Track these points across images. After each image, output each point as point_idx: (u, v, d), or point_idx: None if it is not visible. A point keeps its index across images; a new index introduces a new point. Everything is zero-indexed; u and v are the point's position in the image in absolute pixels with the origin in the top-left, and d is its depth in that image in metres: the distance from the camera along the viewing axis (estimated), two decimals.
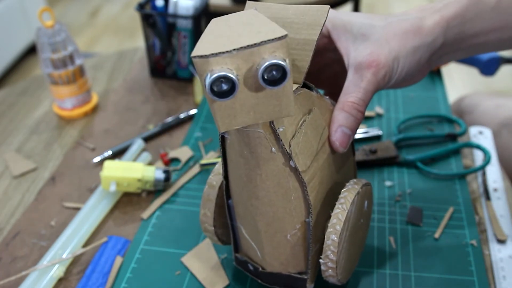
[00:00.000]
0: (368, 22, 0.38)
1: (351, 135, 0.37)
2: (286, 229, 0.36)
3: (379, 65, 0.36)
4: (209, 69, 0.27)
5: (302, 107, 0.34)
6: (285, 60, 0.27)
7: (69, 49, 0.64)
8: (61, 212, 0.53)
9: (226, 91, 0.28)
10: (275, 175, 0.34)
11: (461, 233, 0.48)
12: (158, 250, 0.48)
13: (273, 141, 0.32)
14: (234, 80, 0.27)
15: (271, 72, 0.28)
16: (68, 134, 0.65)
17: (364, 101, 0.37)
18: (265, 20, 0.28)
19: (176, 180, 0.56)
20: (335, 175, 0.39)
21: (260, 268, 0.40)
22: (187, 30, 0.70)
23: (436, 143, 0.60)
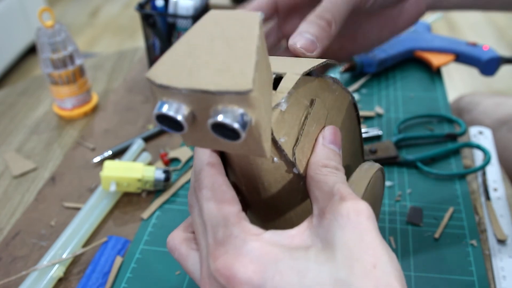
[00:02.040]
0: None
1: (313, 40, 0.33)
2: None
3: None
4: (159, 97, 0.24)
5: (302, 103, 0.31)
6: (242, 117, 0.23)
7: (69, 49, 0.64)
8: (61, 212, 0.53)
9: (174, 126, 0.24)
10: (278, 183, 0.32)
11: (461, 233, 0.48)
12: (158, 250, 0.48)
13: (275, 151, 0.30)
14: (181, 122, 0.23)
15: (221, 127, 0.23)
16: (68, 134, 0.65)
17: (329, 11, 0.34)
18: (249, 48, 0.24)
19: (176, 180, 0.56)
20: (346, 158, 0.36)
21: None
22: (187, 30, 0.70)
23: (436, 143, 0.60)
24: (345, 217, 0.26)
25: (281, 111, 0.29)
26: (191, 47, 0.24)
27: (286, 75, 0.30)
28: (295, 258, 0.25)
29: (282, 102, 0.29)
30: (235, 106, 0.23)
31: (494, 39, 2.17)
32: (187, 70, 0.23)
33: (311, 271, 0.24)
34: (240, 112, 0.23)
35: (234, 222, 0.26)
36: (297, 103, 0.31)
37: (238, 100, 0.23)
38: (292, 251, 0.25)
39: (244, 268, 0.25)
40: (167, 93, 0.23)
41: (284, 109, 0.29)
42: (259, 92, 0.23)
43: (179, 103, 0.23)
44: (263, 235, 0.26)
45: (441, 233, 0.48)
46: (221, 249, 0.25)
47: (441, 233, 0.48)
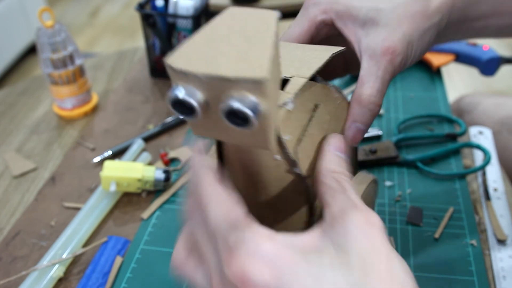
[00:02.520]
0: (373, 6, 0.36)
1: (364, 130, 0.35)
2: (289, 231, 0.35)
3: (395, 52, 0.35)
4: (175, 82, 0.25)
5: (307, 106, 0.32)
6: (255, 105, 0.23)
7: (69, 49, 0.64)
8: (61, 212, 0.53)
9: (187, 112, 0.25)
10: (278, 181, 0.32)
11: (461, 233, 0.48)
12: (158, 250, 0.48)
13: (277, 149, 0.30)
14: (194, 107, 0.24)
15: (233, 114, 0.24)
16: (68, 134, 0.65)
17: (381, 92, 0.35)
18: (265, 42, 0.25)
19: (176, 180, 0.56)
20: None
21: None
22: (187, 30, 0.70)
23: (436, 143, 0.60)
24: (359, 226, 0.26)
25: (288, 110, 0.30)
26: (209, 38, 0.25)
27: (294, 78, 0.31)
28: (309, 262, 0.25)
29: (289, 102, 0.30)
30: (249, 94, 0.23)
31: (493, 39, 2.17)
32: (205, 58, 0.24)
33: (326, 277, 0.24)
34: (253, 100, 0.23)
35: (244, 225, 0.26)
36: (302, 105, 0.31)
37: (253, 88, 0.23)
38: (306, 254, 0.25)
39: (259, 271, 0.24)
40: (185, 78, 0.24)
41: (290, 109, 0.30)
42: (272, 84, 0.24)
43: (194, 88, 0.24)
44: (275, 237, 0.26)
45: (441, 233, 0.48)
46: (234, 254, 0.25)
47: (441, 233, 0.48)
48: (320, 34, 0.39)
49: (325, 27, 0.38)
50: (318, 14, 0.38)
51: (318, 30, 0.38)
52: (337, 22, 0.37)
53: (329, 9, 0.37)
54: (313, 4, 0.38)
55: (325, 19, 0.38)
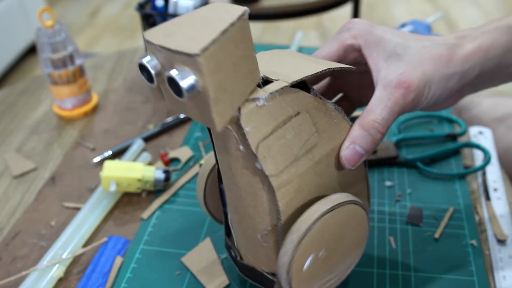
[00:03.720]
0: (403, 42, 0.37)
1: (363, 154, 0.35)
2: (256, 228, 0.36)
3: (410, 87, 0.35)
4: (148, 52, 0.30)
5: (285, 109, 0.33)
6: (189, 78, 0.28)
7: (69, 49, 0.64)
8: (61, 212, 0.53)
9: (148, 77, 0.30)
10: (244, 174, 0.34)
11: (461, 233, 0.48)
12: (158, 250, 0.48)
13: (241, 139, 0.32)
14: (150, 71, 0.29)
15: (172, 83, 0.28)
16: (68, 134, 0.65)
17: (386, 121, 0.35)
18: (217, 29, 0.28)
19: (176, 180, 0.56)
20: (332, 188, 0.37)
21: (238, 256, 0.40)
22: None
23: (436, 143, 0.60)
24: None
25: (257, 105, 0.32)
26: (180, 21, 0.30)
27: (278, 81, 0.33)
28: None
29: (261, 98, 0.32)
30: (186, 68, 0.28)
31: None
32: (167, 34, 0.29)
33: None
34: (188, 73, 0.28)
35: None
36: (279, 107, 0.33)
37: (189, 63, 0.27)
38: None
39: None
40: (149, 48, 0.29)
41: (260, 105, 0.32)
42: (215, 67, 0.28)
43: (154, 57, 0.29)
44: None
45: (441, 233, 0.48)
46: None
47: (441, 233, 0.48)
48: (348, 58, 0.40)
49: (354, 52, 0.40)
50: (349, 38, 0.39)
51: (346, 53, 0.40)
52: (363, 49, 0.38)
53: (360, 36, 0.38)
54: (347, 29, 0.39)
55: (354, 44, 0.39)
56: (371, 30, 0.38)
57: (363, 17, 2.32)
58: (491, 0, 2.51)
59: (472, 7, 2.45)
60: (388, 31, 0.38)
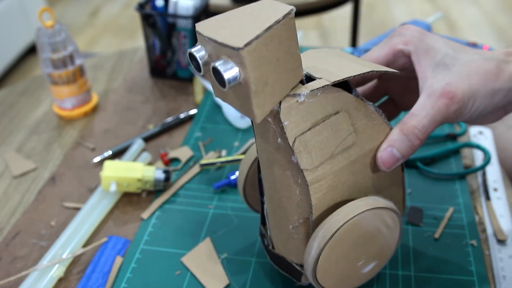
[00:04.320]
0: (452, 54, 0.37)
1: (399, 158, 0.36)
2: (289, 219, 0.37)
3: (454, 98, 0.35)
4: (198, 42, 0.32)
5: (324, 107, 0.34)
6: (232, 69, 0.29)
7: (69, 49, 0.64)
8: (61, 212, 0.53)
9: (196, 65, 0.32)
10: (280, 166, 0.35)
11: (461, 233, 0.48)
12: (158, 250, 0.48)
13: (280, 133, 0.33)
14: (198, 60, 0.31)
15: (216, 72, 0.30)
16: (68, 134, 0.65)
17: (426, 129, 0.35)
18: (262, 25, 0.30)
19: (176, 180, 0.56)
20: (366, 188, 0.38)
21: (270, 245, 0.42)
22: (187, 30, 0.70)
23: (436, 143, 0.60)
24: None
25: (297, 101, 0.33)
26: (230, 16, 0.32)
27: (321, 79, 0.34)
28: None
29: (302, 94, 0.33)
30: (230, 60, 0.30)
31: (494, 39, 2.17)
32: (216, 27, 0.31)
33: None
34: (232, 65, 0.30)
35: None
36: (319, 104, 0.34)
37: (233, 55, 0.29)
38: None
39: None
40: (200, 38, 0.31)
41: (300, 100, 0.33)
42: (258, 62, 0.30)
43: (203, 47, 0.31)
44: None
45: (441, 233, 0.48)
46: None
47: (441, 233, 0.48)
48: (396, 62, 0.40)
49: (403, 57, 0.40)
50: (399, 43, 0.39)
51: (395, 58, 0.40)
52: (413, 56, 0.39)
53: (411, 43, 0.39)
54: (399, 34, 0.40)
55: (404, 50, 0.39)
56: (422, 37, 0.39)
57: (363, 17, 2.32)
58: (491, 0, 2.51)
59: (472, 7, 2.45)
60: (440, 41, 0.38)
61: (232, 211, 0.52)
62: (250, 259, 0.46)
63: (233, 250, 0.47)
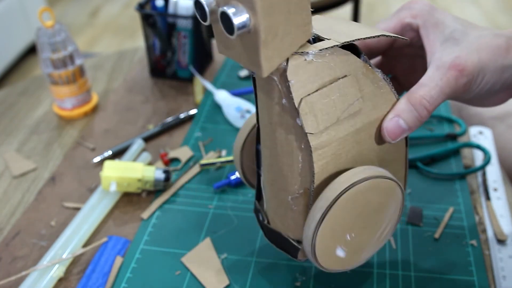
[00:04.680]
0: (462, 29, 0.37)
1: (406, 129, 0.35)
2: (288, 190, 0.36)
3: (464, 71, 0.35)
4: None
5: (332, 69, 0.33)
6: (242, 15, 0.28)
7: (69, 49, 0.64)
8: (61, 212, 0.53)
9: (202, 14, 0.30)
10: (283, 129, 0.34)
11: (461, 233, 0.48)
12: (158, 250, 0.48)
13: (285, 92, 0.32)
14: (204, 7, 0.30)
15: (224, 18, 0.29)
16: (68, 134, 0.65)
17: (435, 100, 0.35)
18: None
19: (176, 180, 0.56)
20: (369, 160, 0.36)
21: (266, 220, 0.40)
22: (187, 30, 0.70)
23: (436, 142, 0.60)
24: None
25: (305, 60, 0.32)
26: None
27: (330, 40, 0.33)
28: None
29: (310, 53, 0.32)
30: (241, 5, 0.28)
31: None
32: None
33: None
34: (242, 11, 0.28)
35: None
36: (327, 66, 0.33)
37: (244, 0, 0.28)
38: None
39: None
40: None
41: (308, 59, 0.32)
42: (270, 9, 0.28)
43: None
44: None
45: (441, 233, 0.48)
46: None
47: (441, 233, 0.48)
48: (404, 36, 0.40)
49: (410, 31, 0.39)
50: (408, 17, 0.39)
51: (403, 31, 0.40)
52: (421, 29, 0.38)
53: (420, 16, 0.38)
54: (408, 7, 0.39)
55: (412, 23, 0.39)
56: (431, 12, 0.38)
57: (363, 17, 2.31)
58: (491, 0, 2.51)
59: (472, 7, 2.45)
60: (449, 16, 0.38)
61: (232, 211, 0.52)
62: (250, 259, 0.46)
63: (233, 250, 0.47)
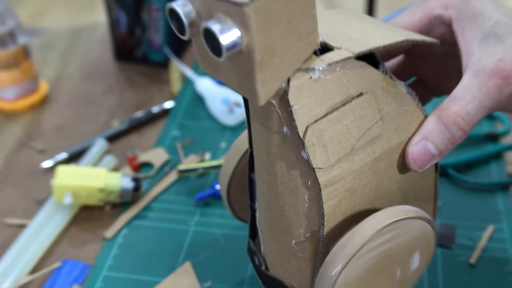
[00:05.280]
0: (507, 21, 0.36)
1: (435, 155, 0.35)
2: (292, 233, 0.36)
3: (509, 78, 0.34)
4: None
5: (344, 87, 0.33)
6: (231, 32, 0.28)
7: (8, 24, 0.64)
8: (2, 231, 0.53)
9: (179, 27, 0.30)
10: (285, 162, 0.34)
11: (503, 258, 0.49)
12: (125, 277, 0.48)
13: (287, 119, 0.32)
14: (182, 19, 0.30)
15: (209, 36, 0.28)
16: (9, 131, 0.66)
17: (473, 117, 0.34)
18: None
19: (148, 190, 0.56)
20: (391, 193, 0.37)
21: (263, 266, 0.41)
22: (160, 2, 0.71)
23: (472, 144, 0.60)
24: None
25: (311, 78, 0.31)
26: None
27: (341, 50, 0.33)
28: None
29: (316, 69, 0.31)
30: (229, 20, 0.28)
31: None
32: None
33: None
34: (231, 27, 0.28)
35: None
36: (338, 83, 0.32)
37: (233, 13, 0.27)
38: None
39: None
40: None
41: (315, 77, 0.31)
42: (265, 23, 0.28)
43: (189, 1, 0.30)
44: None
45: (478, 258, 0.49)
46: None
47: (478, 258, 0.49)
48: (433, 32, 0.39)
49: (441, 26, 0.39)
50: (438, 7, 0.38)
51: (431, 26, 0.39)
52: (454, 24, 0.38)
53: (453, 6, 0.38)
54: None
55: (443, 16, 0.38)
56: (467, 0, 0.37)
57: (380, 2, 2.33)
58: None
59: None
60: (489, 5, 0.37)
61: (218, 229, 0.52)
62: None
63: (219, 277, 0.48)
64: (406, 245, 0.36)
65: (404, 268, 0.38)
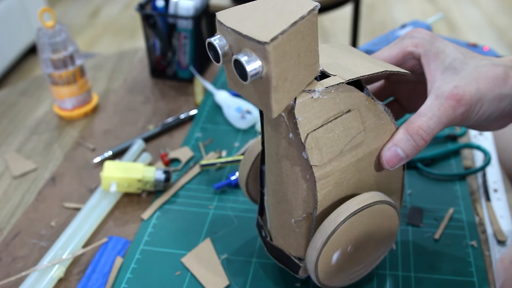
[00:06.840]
0: (462, 58, 0.38)
1: (403, 158, 0.36)
2: (292, 213, 0.38)
3: (461, 101, 0.36)
4: (218, 31, 0.32)
5: (337, 105, 0.34)
6: (255, 63, 0.29)
7: (69, 50, 0.64)
8: (61, 213, 0.53)
9: (215, 55, 0.32)
10: (289, 160, 0.35)
11: (461, 234, 0.48)
12: (158, 250, 0.48)
13: (292, 128, 0.34)
14: (217, 50, 0.31)
15: (238, 65, 0.30)
16: (68, 134, 0.65)
17: (432, 130, 0.36)
18: (287, 20, 0.30)
19: (176, 181, 0.56)
20: (369, 185, 0.38)
21: (268, 237, 0.42)
22: (188, 31, 0.70)
23: (436, 143, 0.60)
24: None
25: (312, 97, 0.33)
26: (253, 7, 0.32)
27: (335, 76, 0.34)
28: None
29: (317, 91, 0.33)
30: (253, 53, 0.30)
31: (494, 39, 2.17)
32: (239, 18, 0.31)
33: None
34: (255, 59, 0.30)
35: None
36: (333, 101, 0.34)
37: (257, 49, 0.29)
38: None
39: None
40: (220, 28, 0.31)
41: (315, 97, 0.33)
42: (281, 57, 0.30)
43: (223, 37, 0.31)
44: None
45: (441, 234, 0.48)
46: None
47: (441, 234, 0.48)
48: (406, 64, 0.41)
49: (412, 60, 0.40)
50: (410, 46, 0.40)
51: (405, 59, 0.40)
52: (422, 58, 0.39)
53: (421, 45, 0.39)
54: (410, 36, 0.40)
55: (414, 52, 0.40)
56: (433, 41, 0.39)
57: (363, 18, 2.32)
58: (491, 1, 2.51)
59: (472, 8, 2.45)
60: (450, 45, 0.39)
61: (232, 212, 0.52)
62: (250, 259, 0.46)
63: (233, 250, 0.47)
64: (376, 221, 0.38)
65: (377, 242, 0.39)
